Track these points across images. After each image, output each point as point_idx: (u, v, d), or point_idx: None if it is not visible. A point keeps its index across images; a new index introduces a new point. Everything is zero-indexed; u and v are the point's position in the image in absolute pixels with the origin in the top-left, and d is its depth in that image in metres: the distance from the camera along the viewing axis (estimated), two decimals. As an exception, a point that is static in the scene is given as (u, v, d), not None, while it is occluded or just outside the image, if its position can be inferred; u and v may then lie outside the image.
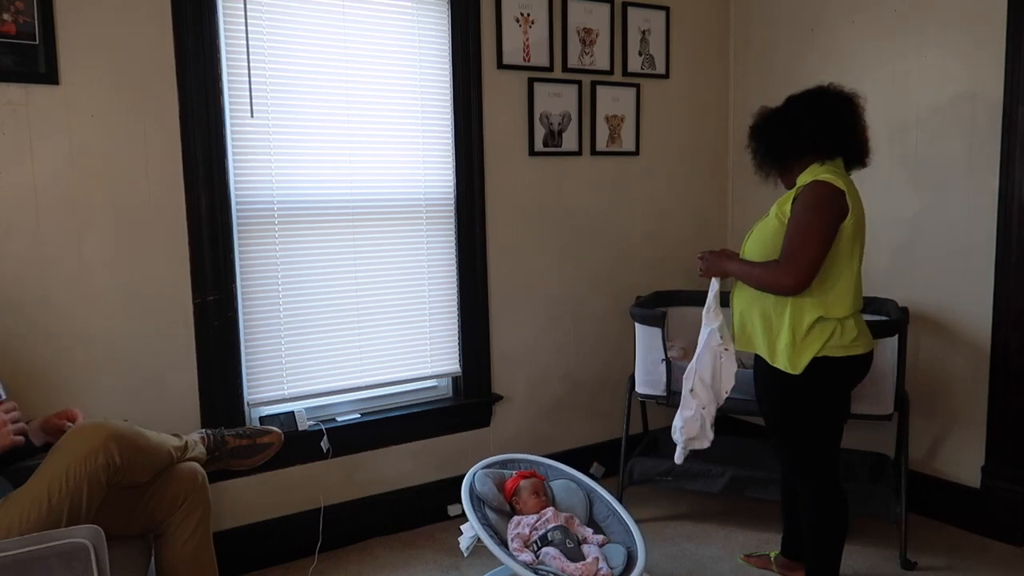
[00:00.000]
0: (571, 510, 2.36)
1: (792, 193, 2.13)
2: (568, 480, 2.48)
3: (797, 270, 2.03)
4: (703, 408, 2.28)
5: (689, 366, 2.32)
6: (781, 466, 2.44)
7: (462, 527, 2.26)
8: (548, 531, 2.20)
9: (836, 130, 2.13)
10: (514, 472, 2.47)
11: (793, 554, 2.53)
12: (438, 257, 2.95)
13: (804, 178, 2.13)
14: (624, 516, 2.29)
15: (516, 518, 2.30)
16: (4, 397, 1.90)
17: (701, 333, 2.30)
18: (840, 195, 2.04)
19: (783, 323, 2.12)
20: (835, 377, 2.14)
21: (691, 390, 2.30)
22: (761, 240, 2.20)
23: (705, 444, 2.33)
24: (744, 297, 2.24)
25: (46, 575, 1.47)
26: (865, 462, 2.94)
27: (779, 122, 2.21)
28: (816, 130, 2.13)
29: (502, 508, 2.36)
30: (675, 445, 2.37)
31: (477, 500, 2.32)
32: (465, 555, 2.26)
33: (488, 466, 2.47)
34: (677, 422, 2.34)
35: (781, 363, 2.13)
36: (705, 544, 2.81)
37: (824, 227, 2.03)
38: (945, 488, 2.91)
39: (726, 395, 2.27)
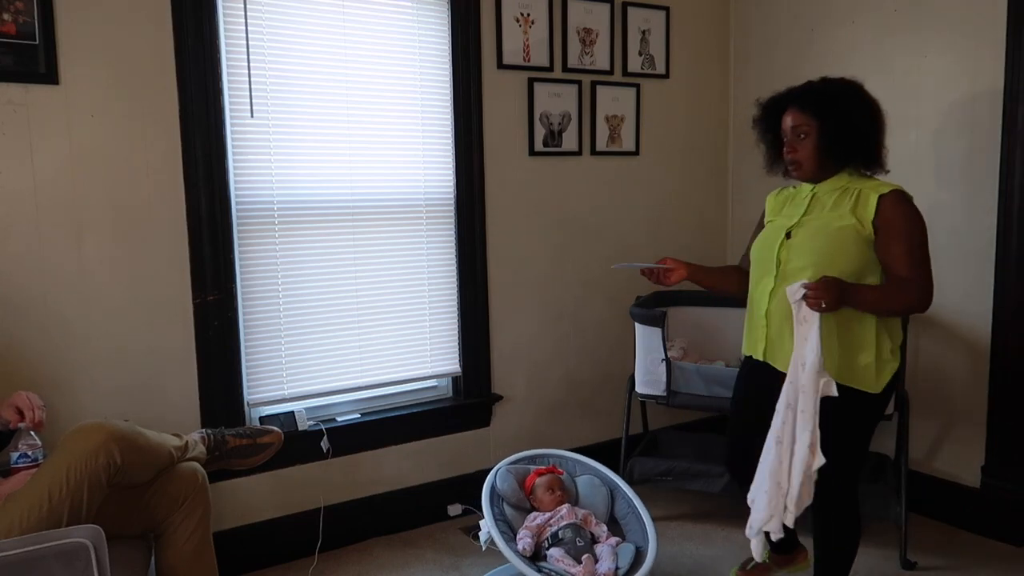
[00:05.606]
0: (592, 507, 2.38)
1: (867, 199, 1.99)
2: (592, 476, 2.50)
3: (931, 288, 1.96)
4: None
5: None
6: None
7: (480, 523, 2.29)
8: (559, 529, 2.21)
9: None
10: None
11: (784, 548, 2.49)
12: (438, 257, 2.95)
13: (863, 184, 2.03)
14: (642, 514, 2.30)
15: (532, 514, 2.34)
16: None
17: (803, 400, 1.89)
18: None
19: (868, 340, 1.98)
20: (893, 388, 2.07)
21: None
22: (840, 247, 1.98)
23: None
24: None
25: (46, 575, 1.47)
26: (865, 462, 2.94)
27: (869, 109, 2.05)
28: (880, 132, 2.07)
29: (521, 504, 2.40)
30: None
31: (496, 496, 2.35)
32: (483, 549, 2.28)
33: (515, 462, 2.50)
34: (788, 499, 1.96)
35: (861, 382, 1.98)
36: (705, 544, 2.81)
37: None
38: (945, 488, 2.91)
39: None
